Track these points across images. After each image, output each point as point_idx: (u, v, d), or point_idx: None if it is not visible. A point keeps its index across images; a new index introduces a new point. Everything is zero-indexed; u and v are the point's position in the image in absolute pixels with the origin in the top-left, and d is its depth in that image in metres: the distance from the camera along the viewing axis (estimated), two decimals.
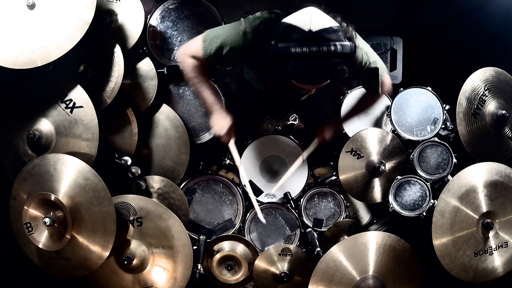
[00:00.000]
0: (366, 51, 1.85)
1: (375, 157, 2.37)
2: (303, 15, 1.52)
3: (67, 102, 1.92)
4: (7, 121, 2.03)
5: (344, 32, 1.58)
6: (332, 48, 1.47)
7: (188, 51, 1.88)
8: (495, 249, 2.01)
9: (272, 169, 2.56)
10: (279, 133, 2.58)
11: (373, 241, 1.97)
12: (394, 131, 2.43)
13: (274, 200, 2.55)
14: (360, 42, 1.85)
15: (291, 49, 1.47)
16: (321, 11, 1.56)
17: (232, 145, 2.15)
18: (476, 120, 2.21)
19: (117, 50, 2.07)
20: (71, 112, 1.92)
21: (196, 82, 1.96)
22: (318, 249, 2.21)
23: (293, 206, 2.50)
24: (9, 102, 2.02)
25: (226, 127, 2.06)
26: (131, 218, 1.93)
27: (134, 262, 1.91)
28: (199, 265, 2.09)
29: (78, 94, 1.92)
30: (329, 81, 1.62)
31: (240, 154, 2.53)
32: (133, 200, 1.94)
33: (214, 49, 1.81)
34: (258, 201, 2.53)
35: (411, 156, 2.35)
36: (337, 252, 1.96)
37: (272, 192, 2.55)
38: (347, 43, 1.50)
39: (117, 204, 1.90)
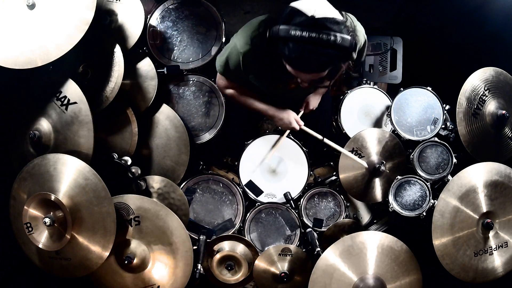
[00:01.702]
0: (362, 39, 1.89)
1: (375, 157, 2.37)
2: (310, 2, 1.53)
3: (62, 100, 1.92)
4: (7, 121, 2.03)
5: (347, 28, 1.59)
6: (332, 38, 1.47)
7: (218, 78, 2.19)
8: (495, 249, 2.01)
9: (272, 169, 2.56)
10: (279, 133, 2.58)
11: (371, 241, 1.97)
12: (394, 131, 2.43)
13: (274, 200, 2.55)
14: (358, 25, 1.87)
15: (291, 31, 1.48)
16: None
17: (305, 128, 2.30)
18: (476, 120, 2.21)
19: (117, 50, 2.07)
20: (66, 109, 1.91)
21: (237, 97, 2.21)
22: (318, 249, 2.21)
23: (293, 206, 2.50)
24: (9, 102, 2.02)
25: (289, 118, 2.24)
26: (129, 218, 1.93)
27: (135, 261, 1.91)
28: (199, 265, 2.09)
29: (72, 91, 1.91)
30: (324, 74, 1.62)
31: (240, 154, 2.54)
32: (131, 199, 1.94)
33: (232, 74, 2.00)
34: (258, 201, 2.54)
35: (411, 156, 2.35)
36: (335, 251, 1.96)
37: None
38: (348, 37, 1.50)
39: (115, 204, 1.90)
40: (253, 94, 2.21)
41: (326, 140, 2.33)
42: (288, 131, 2.42)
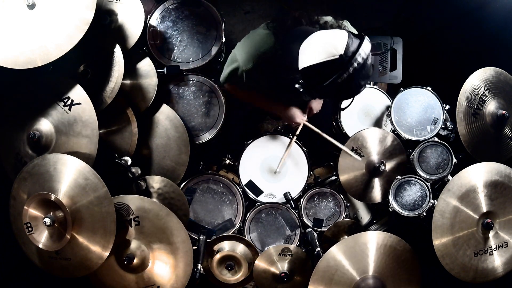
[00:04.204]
0: None
1: (375, 157, 2.37)
2: (323, 47, 1.60)
3: (65, 100, 1.92)
4: (7, 122, 2.02)
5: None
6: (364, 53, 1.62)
7: (226, 86, 2.24)
8: (495, 249, 2.01)
9: (272, 169, 2.56)
10: (279, 133, 2.58)
11: (374, 241, 1.97)
12: (394, 131, 2.43)
13: (274, 200, 2.55)
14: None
15: (356, 65, 1.60)
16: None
17: (306, 123, 2.38)
18: (476, 120, 2.21)
19: (117, 50, 2.07)
20: (69, 109, 1.92)
21: (247, 99, 2.26)
22: (318, 249, 2.21)
23: (293, 206, 2.50)
24: (9, 102, 2.02)
25: (295, 114, 2.32)
26: (129, 218, 1.93)
27: (135, 261, 1.91)
28: (199, 265, 2.09)
29: (76, 92, 1.92)
30: None
31: (240, 154, 2.54)
32: (131, 199, 1.94)
33: (237, 83, 2.05)
34: (258, 201, 2.54)
35: (411, 156, 2.35)
36: (337, 252, 1.96)
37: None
38: (362, 40, 1.65)
39: (115, 204, 1.90)
40: (260, 95, 2.24)
41: (325, 135, 2.36)
42: (295, 138, 2.50)
